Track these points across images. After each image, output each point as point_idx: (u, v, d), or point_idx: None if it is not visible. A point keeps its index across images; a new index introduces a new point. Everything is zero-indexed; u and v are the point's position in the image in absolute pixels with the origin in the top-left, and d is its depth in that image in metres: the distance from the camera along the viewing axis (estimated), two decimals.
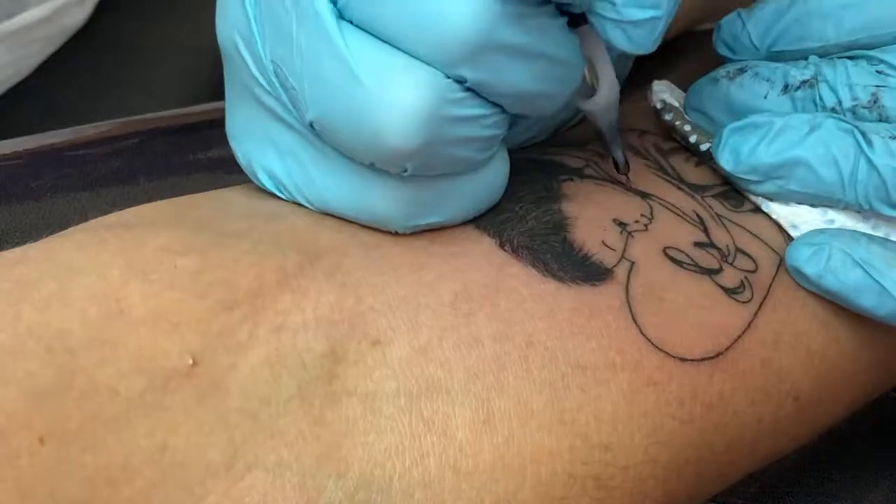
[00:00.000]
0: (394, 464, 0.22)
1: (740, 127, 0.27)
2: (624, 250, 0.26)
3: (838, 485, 0.30)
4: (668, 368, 0.24)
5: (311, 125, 0.23)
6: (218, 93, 0.55)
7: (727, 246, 0.27)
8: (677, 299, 0.25)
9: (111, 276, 0.22)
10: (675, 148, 0.29)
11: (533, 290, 0.24)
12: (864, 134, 0.26)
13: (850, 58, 0.27)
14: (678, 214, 0.27)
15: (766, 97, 0.27)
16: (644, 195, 0.27)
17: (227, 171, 0.28)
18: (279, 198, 0.26)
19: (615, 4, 0.22)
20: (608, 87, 0.26)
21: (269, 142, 0.25)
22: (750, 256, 0.27)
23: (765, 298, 0.26)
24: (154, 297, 0.22)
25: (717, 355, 0.25)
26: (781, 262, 0.27)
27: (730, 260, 0.26)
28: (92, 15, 0.53)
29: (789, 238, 0.27)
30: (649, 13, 0.22)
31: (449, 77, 0.22)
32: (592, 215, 0.26)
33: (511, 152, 0.26)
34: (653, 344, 0.24)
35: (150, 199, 0.26)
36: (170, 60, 0.54)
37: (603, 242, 0.26)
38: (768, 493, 0.30)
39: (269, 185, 0.26)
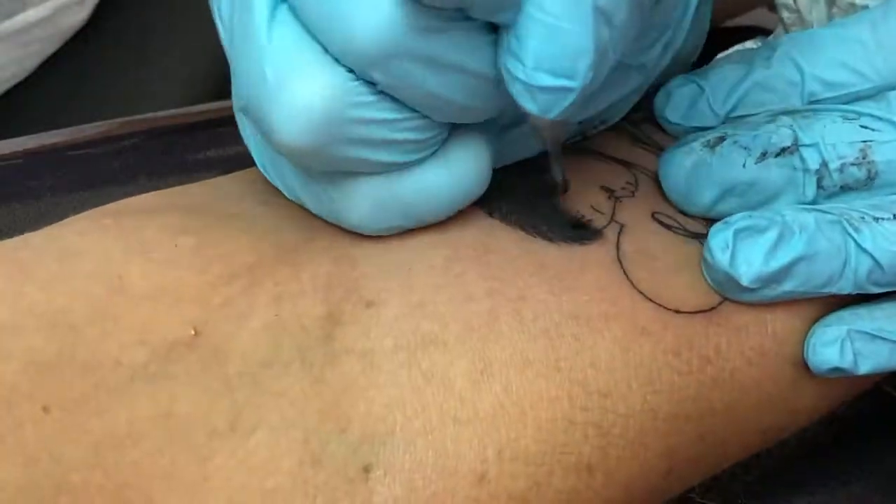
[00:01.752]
0: (395, 416, 0.22)
1: (743, 228, 0.25)
2: (613, 214, 0.26)
3: (836, 475, 0.31)
4: (663, 319, 0.25)
5: (242, 110, 0.23)
6: (218, 93, 0.55)
7: None
8: (668, 259, 0.25)
9: (112, 257, 0.22)
10: (643, 118, 0.29)
11: (522, 248, 0.25)
12: (849, 222, 0.25)
13: (820, 109, 0.27)
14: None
15: (744, 166, 0.26)
16: (628, 164, 0.27)
17: (227, 171, 0.28)
18: (268, 186, 0.26)
19: (525, 66, 0.20)
20: None
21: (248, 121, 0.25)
22: None
23: None
24: (155, 273, 0.22)
25: (711, 309, 0.25)
26: None
27: None
28: (92, 15, 0.53)
29: None
30: (561, 82, 0.20)
31: (359, 79, 0.21)
32: (580, 182, 0.26)
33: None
34: (646, 296, 0.25)
35: None
36: (170, 60, 0.54)
37: (592, 206, 0.26)
38: (768, 482, 0.30)
39: (258, 163, 0.26)
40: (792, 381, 0.26)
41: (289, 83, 0.21)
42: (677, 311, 0.25)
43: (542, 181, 0.26)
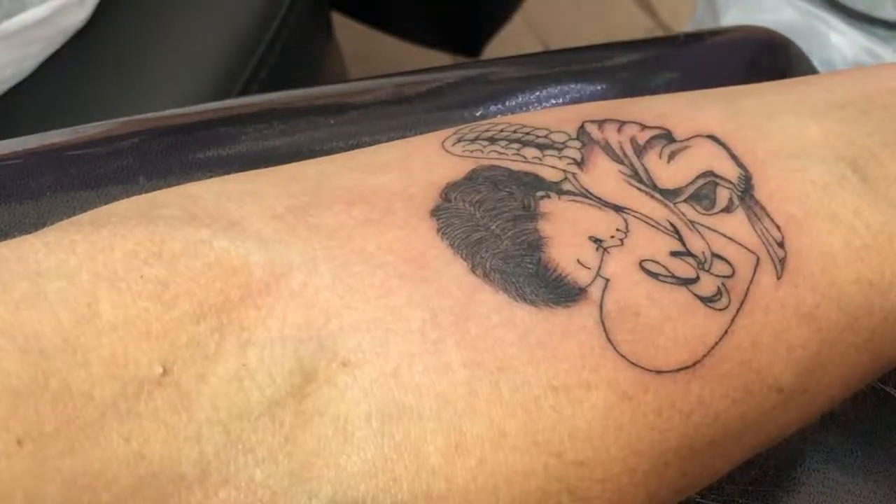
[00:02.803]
0: (367, 487, 0.22)
1: None
2: (599, 268, 0.25)
3: (836, 475, 0.31)
4: (644, 382, 0.24)
5: None
6: (218, 93, 0.55)
7: (703, 252, 0.26)
8: (652, 314, 0.25)
9: (80, 281, 0.22)
10: (651, 139, 0.29)
11: (504, 315, 0.24)
12: None
13: None
14: (652, 226, 0.27)
15: None
16: (618, 209, 0.27)
17: (227, 171, 0.28)
18: (247, 197, 0.25)
19: None
20: None
21: None
22: (726, 261, 0.26)
23: (742, 303, 0.26)
24: (123, 305, 0.22)
25: (694, 364, 0.25)
26: (758, 263, 0.27)
27: (706, 267, 0.26)
28: (92, 15, 0.53)
29: (765, 238, 0.27)
30: None
31: None
32: (568, 234, 0.26)
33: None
34: (627, 360, 0.24)
35: None
36: (170, 60, 0.54)
37: (578, 261, 0.25)
38: (768, 482, 0.30)
39: None
40: (777, 405, 0.26)
41: None
42: (658, 372, 0.24)
43: (528, 231, 0.26)
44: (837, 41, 0.63)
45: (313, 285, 0.23)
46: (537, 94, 0.39)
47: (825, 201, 0.28)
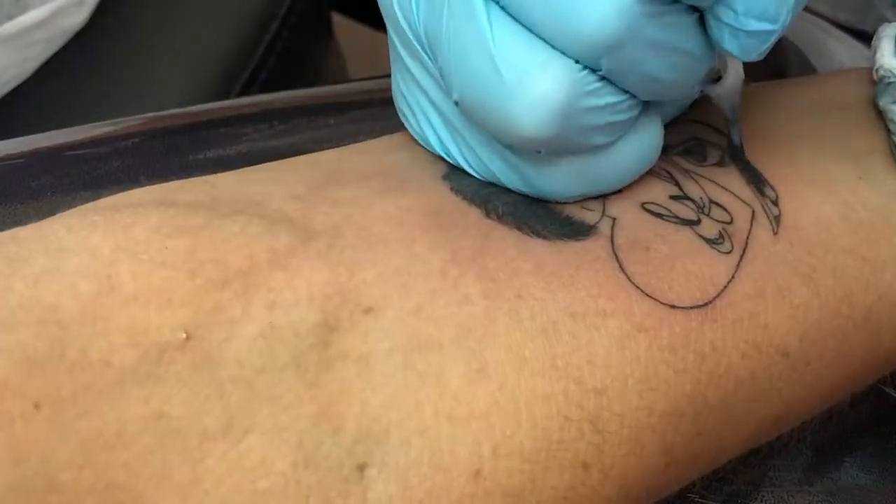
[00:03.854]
0: (390, 416, 0.22)
1: None
2: (604, 209, 0.26)
3: (836, 475, 0.31)
4: (659, 315, 0.25)
5: (456, 104, 0.24)
6: (218, 93, 0.55)
7: (700, 198, 0.27)
8: (662, 249, 0.26)
9: (101, 255, 0.22)
10: None
11: (520, 249, 0.25)
12: None
13: None
14: (649, 172, 0.27)
15: None
16: None
17: (226, 171, 0.28)
18: (267, 182, 0.26)
19: (736, 13, 0.23)
20: (734, 73, 0.27)
21: (433, 108, 0.26)
22: (724, 208, 0.27)
23: (744, 251, 0.26)
24: (145, 274, 0.22)
25: (706, 304, 0.25)
26: (754, 215, 0.27)
27: (706, 211, 0.27)
28: (91, 16, 0.53)
29: (759, 194, 0.27)
30: (765, 26, 0.23)
31: (586, 68, 0.23)
32: None
33: None
34: (642, 291, 0.25)
35: None
36: (170, 60, 0.54)
37: (582, 206, 0.26)
38: (768, 482, 0.30)
39: (438, 150, 0.27)
40: (784, 372, 0.26)
41: (527, 78, 0.22)
42: (673, 307, 0.25)
43: None
44: (835, 47, 0.63)
45: (338, 246, 0.24)
46: None
47: (821, 174, 0.28)
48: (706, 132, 0.29)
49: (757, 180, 0.28)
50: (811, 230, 0.27)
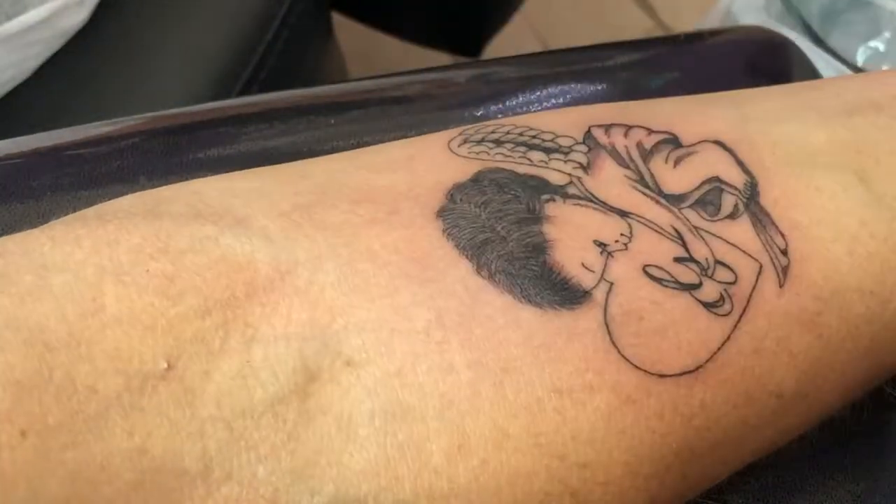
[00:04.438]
0: (369, 485, 0.22)
1: None
2: (603, 271, 0.25)
3: (836, 475, 0.31)
4: (647, 386, 0.24)
5: None
6: (218, 93, 0.55)
7: (706, 259, 0.26)
8: (656, 318, 0.25)
9: (85, 275, 0.22)
10: (658, 144, 0.29)
11: (508, 317, 0.24)
12: None
13: None
14: (657, 231, 0.27)
15: None
16: (623, 213, 0.27)
17: (228, 171, 0.28)
18: (253, 195, 0.26)
19: None
20: None
21: None
22: (729, 267, 0.26)
23: (745, 309, 0.26)
24: (128, 299, 0.22)
25: (697, 368, 0.25)
26: (761, 270, 0.27)
27: (709, 273, 0.26)
28: (91, 16, 0.53)
29: (769, 245, 0.27)
30: None
31: None
32: (573, 237, 0.26)
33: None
34: (631, 363, 0.24)
35: None
36: (170, 60, 0.54)
37: (582, 264, 0.25)
38: (768, 482, 0.30)
39: None
40: (777, 410, 0.26)
41: None
42: (661, 376, 0.25)
43: (533, 233, 0.26)
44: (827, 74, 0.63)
45: (318, 283, 0.23)
46: (538, 94, 0.39)
47: (830, 209, 0.28)
48: (728, 169, 0.28)
49: (767, 228, 0.27)
50: (819, 275, 0.27)
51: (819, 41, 0.68)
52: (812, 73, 0.41)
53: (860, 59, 0.67)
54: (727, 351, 0.25)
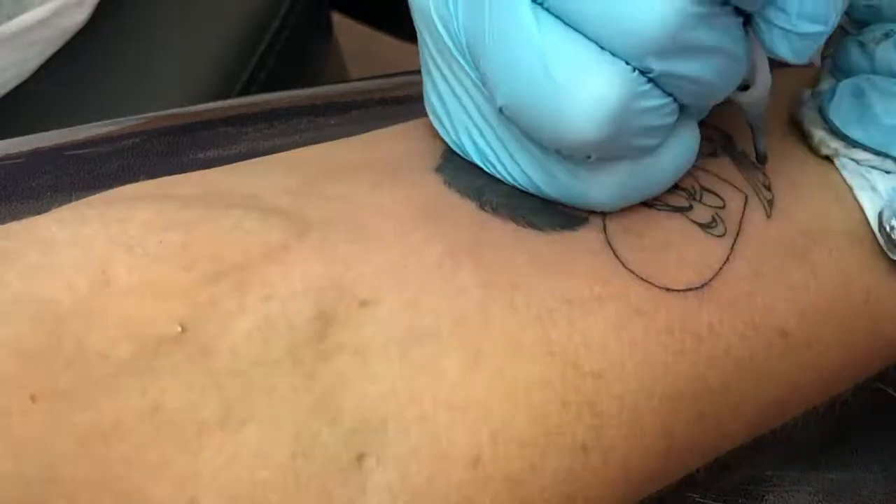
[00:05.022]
0: (387, 406, 0.22)
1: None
2: None
3: (837, 475, 0.31)
4: (655, 299, 0.25)
5: (501, 110, 0.24)
6: (218, 93, 0.55)
7: (692, 186, 0.27)
8: (655, 236, 0.26)
9: (95, 249, 0.22)
10: None
11: (515, 239, 0.25)
12: None
13: None
14: None
15: None
16: None
17: None
18: (258, 176, 0.26)
19: (789, 15, 0.23)
20: (763, 81, 0.27)
21: (469, 117, 0.26)
22: (716, 194, 0.27)
23: (738, 234, 0.27)
24: (140, 268, 0.22)
25: (702, 286, 0.25)
26: (747, 200, 0.27)
27: (697, 198, 0.27)
28: (91, 16, 0.53)
29: (752, 180, 0.28)
30: (817, 27, 0.23)
31: (636, 70, 0.23)
32: None
33: None
34: (637, 276, 0.25)
35: None
36: (170, 60, 0.54)
37: None
38: (768, 482, 0.30)
39: (476, 159, 0.26)
40: (784, 352, 0.26)
41: (580, 80, 0.22)
42: (668, 290, 0.25)
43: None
44: None
45: (332, 239, 0.24)
46: None
47: (813, 157, 0.28)
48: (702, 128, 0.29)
49: (749, 167, 0.28)
50: (805, 213, 0.27)
51: None
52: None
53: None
54: (728, 272, 0.26)
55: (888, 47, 0.28)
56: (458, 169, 0.27)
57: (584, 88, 0.22)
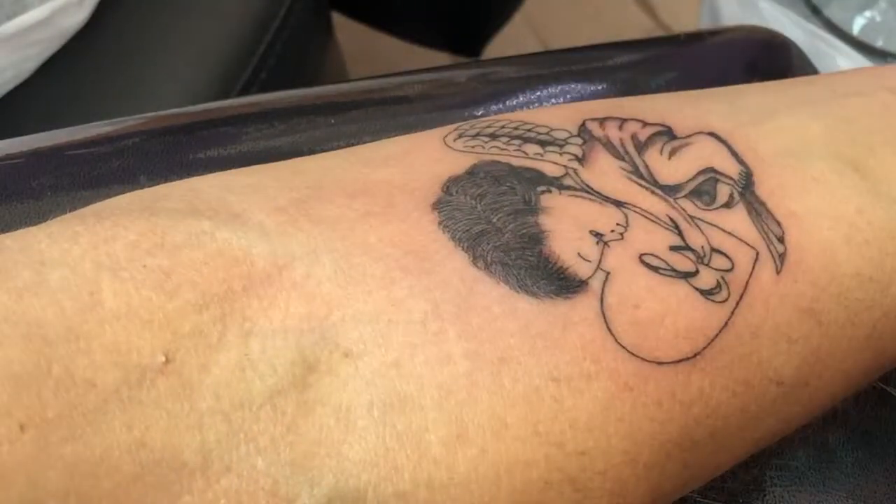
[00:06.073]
0: (368, 476, 0.22)
1: None
2: (599, 261, 0.26)
3: (837, 475, 0.31)
4: (645, 373, 0.24)
5: None
6: (218, 93, 0.55)
7: (702, 247, 0.27)
8: (653, 306, 0.25)
9: (83, 270, 0.22)
10: (652, 136, 0.29)
11: (505, 307, 0.24)
12: None
13: None
14: (653, 220, 0.27)
15: None
16: (619, 204, 0.27)
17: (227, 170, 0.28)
18: (249, 190, 0.26)
19: None
20: None
21: None
22: (725, 255, 0.27)
23: (742, 296, 0.26)
24: (125, 294, 0.22)
25: (695, 356, 0.25)
26: (758, 257, 0.27)
27: (705, 261, 0.26)
28: (91, 16, 0.53)
29: (765, 233, 0.27)
30: None
31: None
32: (569, 228, 0.26)
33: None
34: (628, 351, 0.24)
35: None
36: (170, 60, 0.54)
37: (578, 254, 0.25)
38: (768, 482, 0.30)
39: None
40: (778, 398, 0.26)
41: None
42: (659, 363, 0.25)
43: (528, 224, 0.26)
44: (843, 64, 0.63)
45: (315, 276, 0.24)
46: (538, 93, 0.39)
47: (826, 198, 0.28)
48: (723, 160, 0.28)
49: (763, 217, 0.27)
50: (816, 262, 0.27)
51: (816, 11, 0.68)
52: (813, 73, 0.42)
53: (856, 29, 0.67)
54: (724, 337, 0.25)
55: None
56: (456, 209, 0.26)
57: None
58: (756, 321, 0.26)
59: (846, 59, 0.65)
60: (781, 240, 0.27)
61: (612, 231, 0.26)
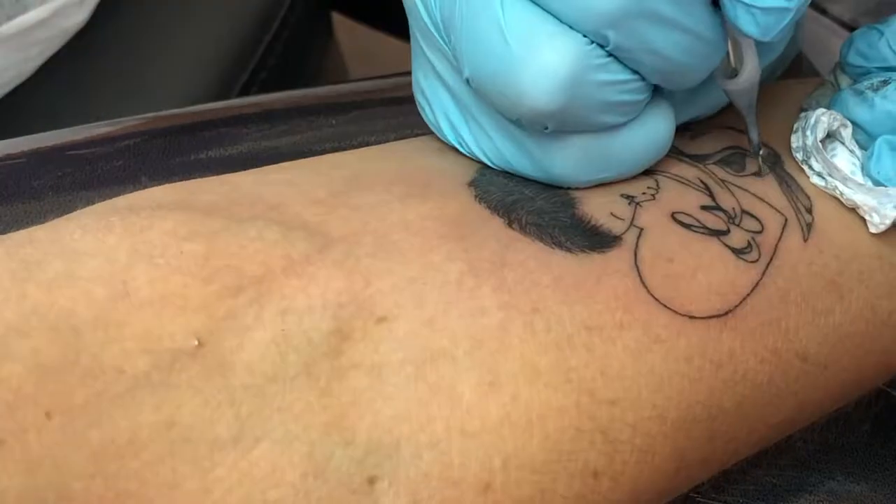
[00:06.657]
0: (401, 429, 0.22)
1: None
2: (632, 219, 0.26)
3: (838, 475, 0.31)
4: (676, 326, 0.25)
5: (467, 81, 0.25)
6: (218, 93, 0.55)
7: (733, 208, 0.27)
8: (686, 261, 0.26)
9: (117, 259, 0.22)
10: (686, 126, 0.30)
11: (539, 260, 0.25)
12: None
13: None
14: (683, 183, 0.27)
15: None
16: (648, 171, 0.28)
17: (228, 171, 0.28)
18: (286, 184, 0.26)
19: None
20: (750, 69, 0.27)
21: (449, 95, 0.27)
22: (756, 217, 0.27)
23: (771, 258, 0.26)
24: (160, 280, 0.22)
25: (726, 313, 0.25)
26: (787, 223, 0.27)
27: (736, 221, 0.27)
28: (91, 16, 0.53)
29: (794, 202, 0.28)
30: (780, 2, 0.23)
31: (593, 42, 0.23)
32: (600, 193, 0.27)
33: None
34: (661, 303, 0.25)
35: None
36: (170, 60, 0.54)
37: (611, 213, 0.26)
38: (771, 481, 0.30)
39: (452, 139, 0.27)
40: (801, 375, 0.26)
41: (534, 49, 0.23)
42: (691, 317, 0.25)
43: (560, 193, 0.27)
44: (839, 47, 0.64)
45: (355, 254, 0.24)
46: None
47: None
48: (746, 143, 0.29)
49: (793, 189, 0.28)
50: (840, 237, 0.27)
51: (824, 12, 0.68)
52: (811, 71, 0.42)
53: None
54: (756, 298, 0.26)
55: (888, 94, 0.28)
56: (490, 184, 0.27)
57: (537, 57, 0.23)
58: (785, 285, 0.26)
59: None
60: (810, 211, 0.28)
61: (644, 193, 0.27)
